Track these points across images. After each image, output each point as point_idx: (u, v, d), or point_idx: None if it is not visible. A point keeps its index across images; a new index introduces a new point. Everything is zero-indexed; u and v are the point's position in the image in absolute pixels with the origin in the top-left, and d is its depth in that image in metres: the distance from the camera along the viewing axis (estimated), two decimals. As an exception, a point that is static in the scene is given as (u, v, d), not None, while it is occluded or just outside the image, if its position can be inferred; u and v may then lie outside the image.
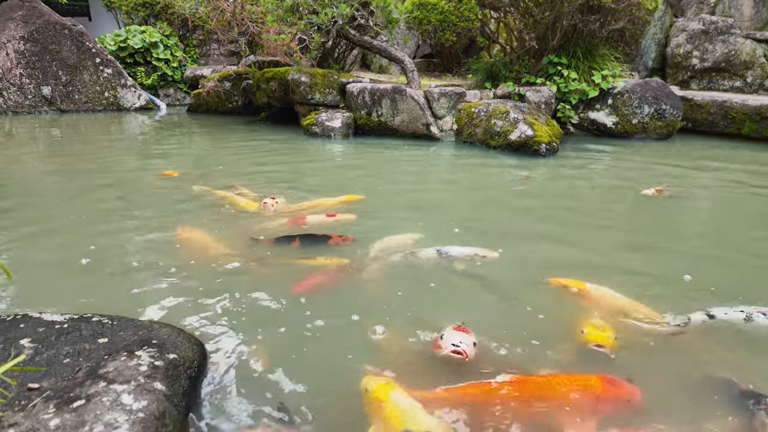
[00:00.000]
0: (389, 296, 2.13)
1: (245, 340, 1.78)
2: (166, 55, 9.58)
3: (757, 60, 7.67)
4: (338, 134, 6.20)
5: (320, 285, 2.20)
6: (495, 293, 2.18)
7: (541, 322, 1.95)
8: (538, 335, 1.84)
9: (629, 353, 1.76)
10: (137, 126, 7.47)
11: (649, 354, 1.76)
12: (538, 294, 2.18)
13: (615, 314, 1.98)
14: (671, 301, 2.12)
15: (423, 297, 2.15)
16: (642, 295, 2.13)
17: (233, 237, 2.73)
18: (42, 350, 1.43)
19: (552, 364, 1.67)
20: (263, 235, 2.77)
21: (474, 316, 1.92)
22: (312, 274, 2.27)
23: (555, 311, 2.03)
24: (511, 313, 2.04)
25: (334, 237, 2.67)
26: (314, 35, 6.35)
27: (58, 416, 1.15)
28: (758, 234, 3.08)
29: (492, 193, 4.03)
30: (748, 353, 1.79)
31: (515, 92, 6.30)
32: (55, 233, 2.81)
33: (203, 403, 1.47)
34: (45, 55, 8.35)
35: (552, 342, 1.81)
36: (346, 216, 3.05)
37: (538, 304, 2.08)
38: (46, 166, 4.73)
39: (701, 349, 1.80)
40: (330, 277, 2.28)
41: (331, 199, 3.40)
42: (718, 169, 4.93)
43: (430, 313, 1.99)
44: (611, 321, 1.92)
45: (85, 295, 2.10)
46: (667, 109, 6.34)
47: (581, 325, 1.86)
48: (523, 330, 1.87)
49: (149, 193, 3.70)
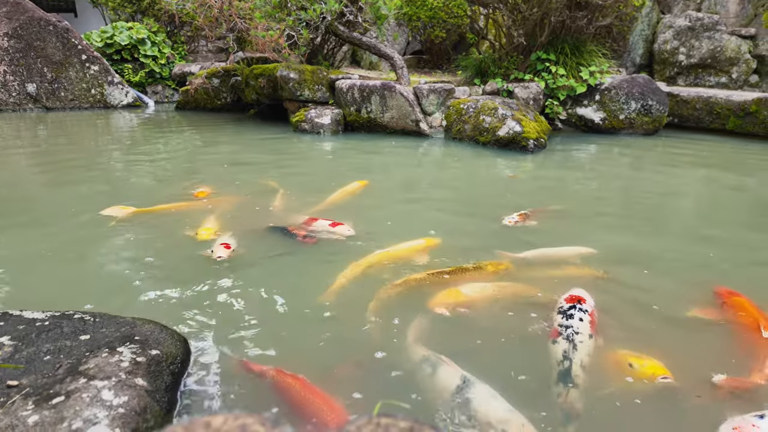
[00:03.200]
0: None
1: (229, 336, 1.78)
2: (153, 51, 9.48)
3: (742, 56, 7.77)
4: (328, 131, 6.19)
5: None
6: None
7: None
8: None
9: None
10: (125, 124, 7.39)
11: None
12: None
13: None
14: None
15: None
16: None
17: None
18: (22, 348, 1.42)
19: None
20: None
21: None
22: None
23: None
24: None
25: (299, 234, 2.70)
26: (303, 31, 6.32)
27: (36, 413, 1.15)
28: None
29: (479, 190, 4.05)
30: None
31: (504, 88, 6.33)
32: (37, 229, 2.79)
33: (186, 398, 1.47)
34: (30, 52, 8.22)
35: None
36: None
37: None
38: (30, 161, 4.67)
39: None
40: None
41: (407, 244, 2.58)
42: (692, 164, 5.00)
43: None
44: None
45: (67, 292, 2.08)
46: (653, 105, 6.40)
47: (626, 357, 1.64)
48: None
49: (136, 188, 3.68)
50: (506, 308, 1.98)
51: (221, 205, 3.21)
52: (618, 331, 1.86)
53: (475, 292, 2.05)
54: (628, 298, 2.11)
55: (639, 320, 1.95)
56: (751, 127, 6.36)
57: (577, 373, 1.58)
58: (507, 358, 1.71)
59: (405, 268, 2.32)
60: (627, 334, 1.84)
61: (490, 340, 1.79)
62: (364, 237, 2.69)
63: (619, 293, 2.15)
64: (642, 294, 2.14)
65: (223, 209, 3.12)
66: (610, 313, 1.96)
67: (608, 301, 2.04)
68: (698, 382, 1.56)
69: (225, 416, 0.43)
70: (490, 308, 1.98)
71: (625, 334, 1.84)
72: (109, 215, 2.96)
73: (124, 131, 6.79)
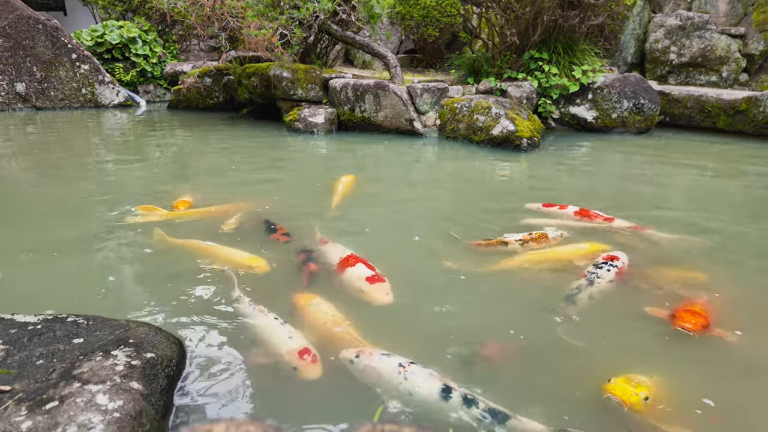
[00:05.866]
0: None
1: (225, 338, 1.77)
2: (145, 50, 9.40)
3: (732, 55, 7.84)
4: (321, 130, 6.17)
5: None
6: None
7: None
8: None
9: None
10: (116, 124, 7.32)
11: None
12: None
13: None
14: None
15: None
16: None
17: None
18: (14, 352, 1.40)
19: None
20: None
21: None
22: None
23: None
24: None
25: (279, 230, 2.70)
26: (296, 30, 6.29)
27: (30, 418, 1.13)
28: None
29: (471, 191, 4.05)
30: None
31: (497, 87, 6.34)
32: (23, 230, 2.75)
33: (182, 401, 1.46)
34: (18, 51, 8.12)
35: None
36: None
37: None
38: (20, 162, 4.61)
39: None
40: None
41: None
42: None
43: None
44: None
45: (61, 295, 2.06)
46: (645, 104, 6.45)
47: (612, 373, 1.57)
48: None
49: (126, 189, 3.64)
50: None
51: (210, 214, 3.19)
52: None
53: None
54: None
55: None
56: (741, 125, 6.43)
57: (581, 298, 2.02)
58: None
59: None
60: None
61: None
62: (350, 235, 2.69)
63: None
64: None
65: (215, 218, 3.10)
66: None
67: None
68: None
69: (227, 423, 0.42)
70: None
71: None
72: (139, 216, 2.94)
73: (115, 131, 6.72)
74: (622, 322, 1.94)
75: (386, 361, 1.46)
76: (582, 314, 1.95)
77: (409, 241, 2.72)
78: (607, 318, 1.96)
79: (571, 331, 1.84)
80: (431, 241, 2.72)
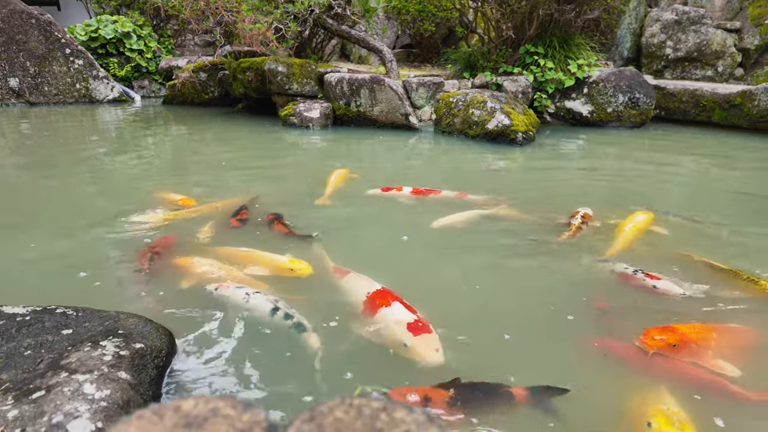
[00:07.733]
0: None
1: (215, 329, 1.76)
2: (139, 45, 9.34)
3: (728, 50, 7.85)
4: (317, 125, 6.15)
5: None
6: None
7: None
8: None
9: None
10: (110, 119, 7.28)
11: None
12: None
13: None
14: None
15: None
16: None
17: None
18: (2, 343, 1.40)
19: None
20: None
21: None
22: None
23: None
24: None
25: (278, 223, 2.73)
26: (291, 24, 6.27)
27: (16, 407, 1.13)
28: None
29: (463, 185, 4.05)
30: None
31: (493, 82, 6.33)
32: (18, 227, 2.74)
33: (171, 391, 1.46)
34: (11, 46, 8.05)
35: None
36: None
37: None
38: (12, 158, 4.59)
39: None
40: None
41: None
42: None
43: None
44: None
45: (51, 287, 2.05)
46: (640, 98, 6.45)
47: (648, 413, 1.39)
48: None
49: (118, 185, 3.63)
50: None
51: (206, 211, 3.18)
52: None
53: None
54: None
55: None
56: (736, 119, 6.44)
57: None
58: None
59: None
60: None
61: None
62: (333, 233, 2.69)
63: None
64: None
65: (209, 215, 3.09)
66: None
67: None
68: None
69: (195, 399, 0.42)
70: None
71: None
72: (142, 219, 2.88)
73: (110, 126, 6.69)
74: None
75: (236, 291, 1.94)
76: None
77: (398, 240, 2.72)
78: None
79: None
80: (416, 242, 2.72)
